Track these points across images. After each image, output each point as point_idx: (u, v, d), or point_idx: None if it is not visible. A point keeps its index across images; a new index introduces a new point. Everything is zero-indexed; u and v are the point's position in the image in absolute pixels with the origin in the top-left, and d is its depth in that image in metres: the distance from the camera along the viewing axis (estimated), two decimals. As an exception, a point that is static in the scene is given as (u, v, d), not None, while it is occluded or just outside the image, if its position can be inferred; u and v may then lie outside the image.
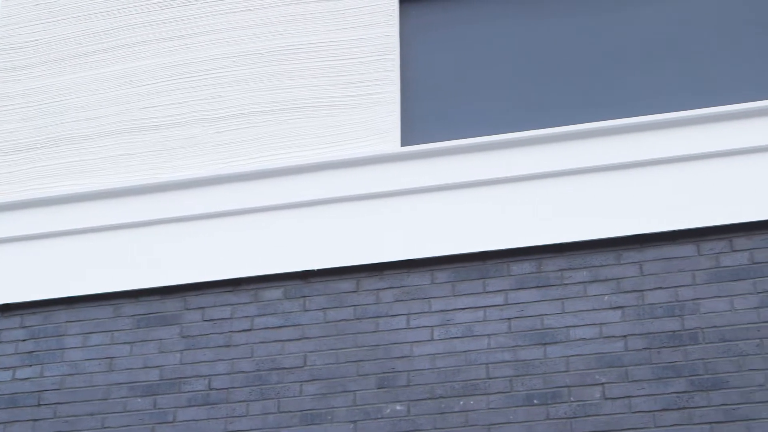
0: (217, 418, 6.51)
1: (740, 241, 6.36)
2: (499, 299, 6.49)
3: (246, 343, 6.68)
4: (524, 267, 6.54)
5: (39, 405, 6.76)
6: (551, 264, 6.52)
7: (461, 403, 6.29)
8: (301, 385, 6.52)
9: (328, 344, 6.58)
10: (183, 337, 6.78)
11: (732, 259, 6.33)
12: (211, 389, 6.60)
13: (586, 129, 6.66)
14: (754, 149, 6.46)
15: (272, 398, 6.51)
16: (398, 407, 6.36)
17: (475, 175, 6.71)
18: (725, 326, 6.19)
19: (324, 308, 6.67)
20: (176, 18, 7.68)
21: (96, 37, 7.76)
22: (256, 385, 6.56)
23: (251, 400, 6.52)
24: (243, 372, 6.61)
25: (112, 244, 7.03)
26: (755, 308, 6.19)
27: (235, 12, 7.60)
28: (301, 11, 7.50)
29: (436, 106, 7.20)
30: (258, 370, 6.59)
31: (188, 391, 6.62)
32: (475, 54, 7.29)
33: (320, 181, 6.90)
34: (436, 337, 6.47)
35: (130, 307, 6.92)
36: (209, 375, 6.64)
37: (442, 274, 6.61)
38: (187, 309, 6.84)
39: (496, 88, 7.17)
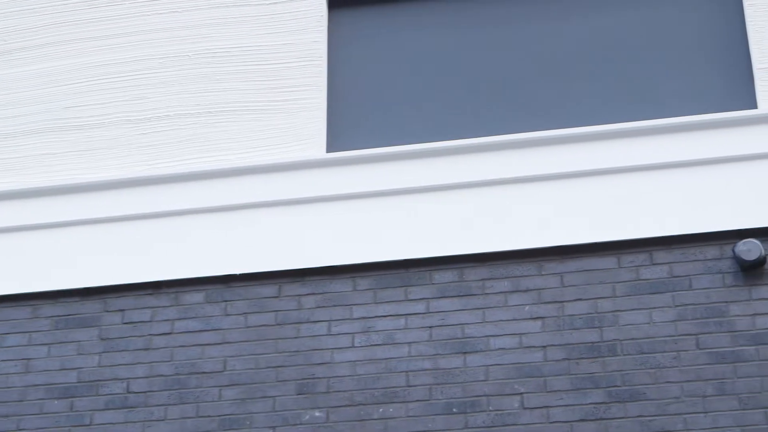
0: (134, 422, 6.46)
1: (660, 255, 6.43)
2: (420, 307, 6.50)
3: (166, 347, 6.63)
4: (446, 276, 6.56)
5: (-47, 405, 6.67)
6: (473, 273, 6.54)
7: (380, 410, 6.30)
8: (221, 389, 6.48)
9: (249, 349, 6.56)
10: (102, 339, 6.72)
11: (651, 272, 6.40)
12: (129, 392, 6.55)
13: (510, 140, 6.70)
14: (677, 164, 6.54)
15: (191, 402, 6.47)
16: (317, 413, 6.35)
17: (399, 182, 6.72)
18: (643, 338, 6.25)
19: (245, 313, 6.65)
20: (102, 18, 7.62)
21: (20, 35, 7.68)
22: (174, 389, 6.52)
23: (170, 404, 6.47)
24: (162, 375, 6.56)
25: (31, 245, 6.96)
26: (673, 321, 6.26)
27: (162, 13, 7.55)
28: (230, 14, 7.47)
29: (363, 113, 7.20)
30: (177, 374, 6.55)
31: (106, 394, 6.56)
32: (403, 62, 7.31)
33: (244, 186, 6.87)
34: (356, 344, 6.47)
35: (48, 309, 6.84)
36: (128, 378, 6.59)
37: (364, 281, 6.61)
38: (107, 311, 6.78)
39: (423, 96, 7.19)
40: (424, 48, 7.33)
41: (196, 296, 6.73)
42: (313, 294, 6.63)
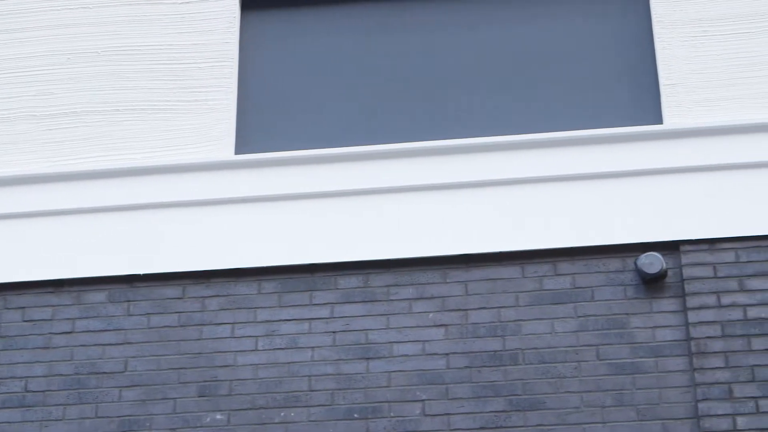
0: (32, 421, 6.37)
1: (563, 266, 6.49)
2: (324, 312, 6.50)
3: (66, 346, 6.55)
4: (351, 281, 6.56)
5: None
6: (378, 279, 6.55)
7: (282, 414, 6.28)
8: (121, 390, 6.42)
9: (151, 350, 6.51)
10: (1, 337, 6.62)
11: (554, 282, 6.46)
12: (27, 391, 6.46)
13: (416, 147, 6.72)
14: (582, 176, 6.60)
15: (90, 403, 6.40)
16: (218, 416, 6.31)
17: (306, 186, 6.71)
18: (545, 348, 6.30)
19: (148, 313, 6.59)
20: (10, 11, 7.51)
21: (-74, 25, 7.56)
22: (74, 389, 6.44)
23: (68, 404, 6.40)
24: (61, 375, 6.48)
25: (-69, 239, 6.85)
26: (574, 332, 6.32)
27: (72, 9, 7.46)
28: (141, 12, 7.41)
29: (273, 115, 7.18)
30: (77, 374, 6.47)
31: (3, 393, 6.46)
32: (315, 66, 7.30)
33: (150, 186, 6.81)
34: (260, 348, 6.44)
35: (-54, 304, 6.74)
36: (26, 377, 6.50)
37: (269, 285, 6.59)
38: (7, 308, 6.68)
39: (333, 100, 7.19)
40: (336, 52, 7.33)
41: (98, 296, 6.66)
42: (218, 296, 6.59)
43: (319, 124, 7.13)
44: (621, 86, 7.03)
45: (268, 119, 7.17)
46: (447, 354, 6.34)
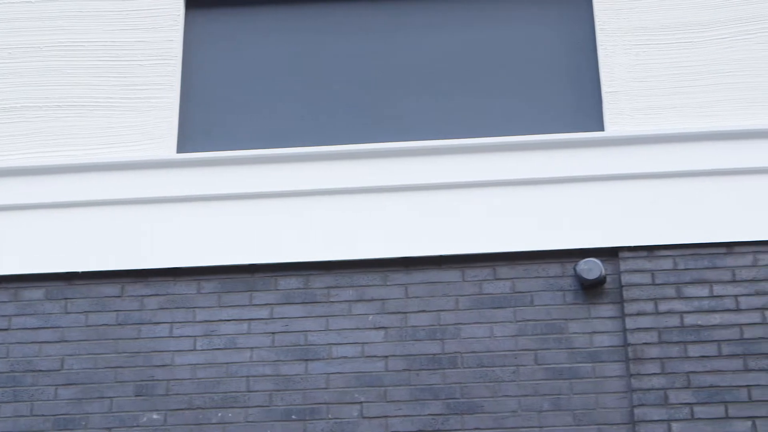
0: (-35, 419, 6.32)
1: (503, 270, 6.52)
2: (264, 313, 6.48)
3: (2, 343, 6.49)
4: (291, 282, 6.55)
5: None
6: (318, 281, 6.55)
7: (219, 414, 6.26)
8: (57, 388, 6.37)
9: (88, 348, 6.46)
10: (-65, 333, 6.55)
11: (494, 286, 6.48)
12: (-39, 388, 6.40)
13: (358, 150, 6.72)
14: (523, 181, 6.63)
15: (25, 401, 6.35)
16: (155, 416, 6.28)
17: (247, 187, 6.69)
18: (483, 352, 6.32)
19: (86, 311, 6.55)
20: (-48, 3, 7.44)
21: None
22: (9, 387, 6.38)
23: (3, 402, 6.34)
24: (-4, 372, 6.43)
25: None
26: (513, 336, 6.35)
27: (14, 3, 7.40)
28: (84, 8, 7.35)
29: (216, 114, 7.15)
30: (12, 371, 6.41)
31: (-63, 390, 6.40)
32: (259, 66, 7.28)
33: (90, 182, 6.77)
34: (198, 348, 6.42)
35: None
36: (-40, 374, 6.44)
37: (208, 284, 6.57)
38: (-58, 304, 6.62)
39: (277, 101, 7.17)
40: (281, 53, 7.31)
41: (35, 293, 6.61)
42: (156, 295, 6.56)
43: (262, 125, 7.11)
44: (563, 93, 7.07)
45: (211, 118, 7.15)
46: (386, 356, 6.35)
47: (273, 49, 7.34)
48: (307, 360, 6.36)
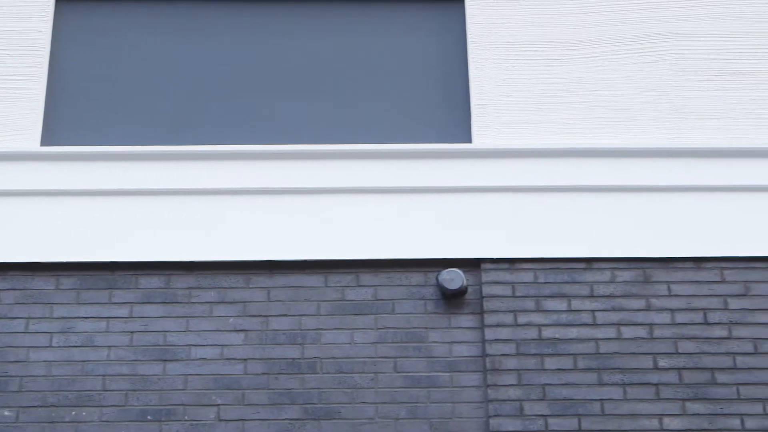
0: None
1: (366, 277, 6.54)
2: (123, 311, 6.41)
3: None
4: (153, 281, 6.49)
5: None
6: (180, 281, 6.50)
7: (73, 413, 6.17)
8: None
9: (-60, 342, 6.33)
10: None
11: (357, 293, 6.50)
12: None
13: (226, 151, 6.69)
14: (389, 190, 6.66)
15: None
16: (7, 413, 6.17)
17: (110, 183, 6.62)
18: (343, 358, 6.34)
19: (-61, 304, 6.42)
20: None
21: None
22: None
23: None
24: None
25: None
26: (373, 343, 6.37)
27: None
28: (-49, -6, 7.21)
29: (82, 109, 7.06)
30: None
31: None
32: (128, 61, 7.20)
33: (-50, 172, 6.64)
34: (54, 344, 6.32)
35: None
36: None
37: (67, 281, 6.47)
38: None
39: (145, 98, 7.10)
40: (150, 49, 7.25)
41: None
42: (13, 290, 6.44)
43: (128, 121, 7.03)
44: (434, 103, 7.12)
45: (77, 112, 7.05)
46: (245, 359, 6.32)
47: (141, 44, 7.27)
48: (165, 360, 6.31)
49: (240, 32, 7.32)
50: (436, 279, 6.48)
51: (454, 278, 6.43)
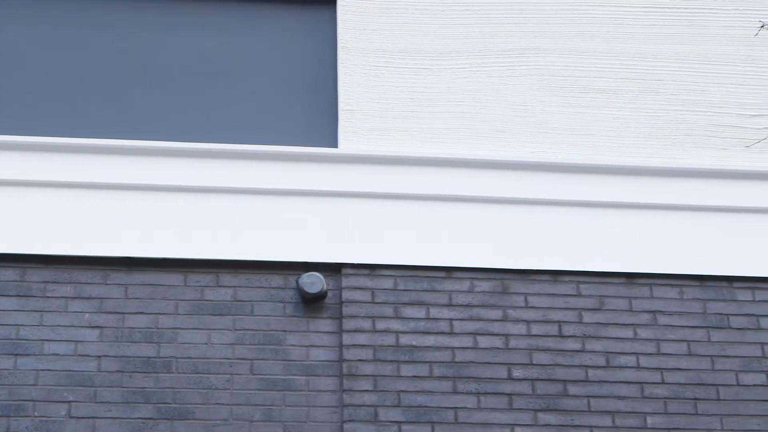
0: None
1: (226, 278, 6.51)
2: (-25, 304, 6.29)
3: None
4: (7, 274, 6.37)
5: None
6: (36, 275, 6.39)
7: None
8: None
9: None
10: None
11: (216, 293, 6.46)
12: None
13: (92, 144, 6.61)
14: (248, 191, 6.65)
15: None
16: None
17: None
18: (199, 358, 6.29)
19: None
20: None
21: None
22: None
23: None
24: None
25: None
26: (231, 344, 6.34)
27: None
28: None
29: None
30: None
31: None
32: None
33: None
34: None
35: None
36: None
37: None
38: None
39: (20, 89, 6.98)
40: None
41: None
42: None
43: (9, 111, 6.92)
44: (302, 106, 7.12)
45: (-63, 98, 6.91)
46: (99, 356, 6.24)
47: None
48: (16, 355, 6.19)
49: (121, 29, 7.24)
50: (297, 282, 6.47)
51: (314, 282, 6.43)
